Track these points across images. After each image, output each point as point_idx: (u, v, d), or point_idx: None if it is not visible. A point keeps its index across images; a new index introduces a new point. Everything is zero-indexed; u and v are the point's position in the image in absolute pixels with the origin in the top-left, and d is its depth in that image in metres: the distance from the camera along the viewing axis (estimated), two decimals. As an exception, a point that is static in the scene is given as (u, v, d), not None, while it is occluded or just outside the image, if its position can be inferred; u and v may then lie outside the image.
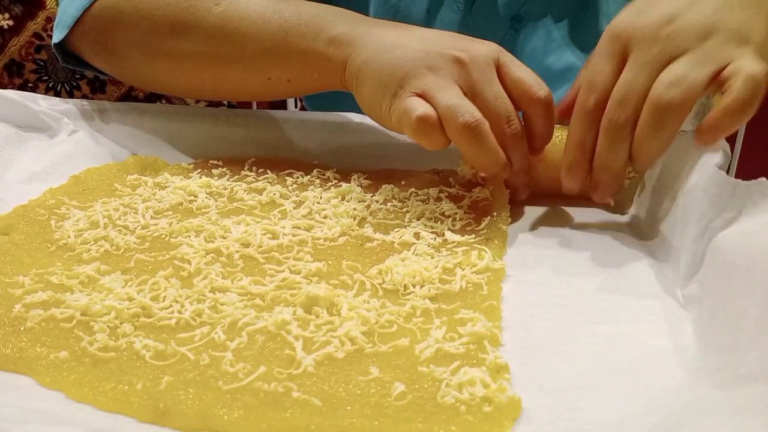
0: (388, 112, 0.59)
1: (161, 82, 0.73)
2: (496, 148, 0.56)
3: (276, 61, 0.65)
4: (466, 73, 0.57)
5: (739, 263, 0.44)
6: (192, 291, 0.47)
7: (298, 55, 0.64)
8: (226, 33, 0.66)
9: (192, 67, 0.68)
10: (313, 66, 0.64)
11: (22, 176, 0.65)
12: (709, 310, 0.46)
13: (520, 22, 0.83)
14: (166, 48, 0.68)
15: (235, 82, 0.69)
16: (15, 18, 1.09)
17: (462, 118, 0.54)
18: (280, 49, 0.64)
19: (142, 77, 0.74)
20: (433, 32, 0.62)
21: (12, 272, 0.49)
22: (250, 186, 0.63)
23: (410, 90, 0.57)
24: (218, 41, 0.66)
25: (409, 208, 0.60)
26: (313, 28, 0.64)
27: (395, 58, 0.58)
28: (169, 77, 0.71)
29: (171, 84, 0.73)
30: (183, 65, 0.69)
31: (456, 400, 0.38)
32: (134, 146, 0.71)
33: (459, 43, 0.60)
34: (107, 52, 0.71)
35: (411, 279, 0.49)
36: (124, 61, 0.71)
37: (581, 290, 0.50)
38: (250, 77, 0.67)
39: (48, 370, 0.41)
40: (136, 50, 0.69)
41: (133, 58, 0.70)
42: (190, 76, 0.70)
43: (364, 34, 0.62)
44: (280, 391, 0.39)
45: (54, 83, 1.11)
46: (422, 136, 0.56)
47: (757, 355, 0.39)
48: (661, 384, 0.41)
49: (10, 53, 1.10)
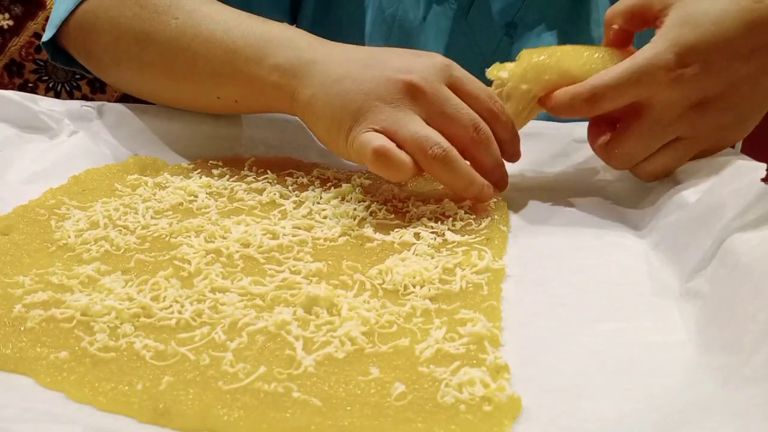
0: (345, 148, 0.59)
1: (128, 87, 0.76)
2: (469, 171, 0.57)
3: (223, 82, 0.65)
4: (420, 97, 0.57)
5: (752, 266, 0.44)
6: (192, 291, 0.47)
7: (243, 79, 0.64)
8: (179, 48, 0.66)
9: (150, 77, 0.70)
10: (259, 91, 0.64)
11: (22, 176, 0.65)
12: (714, 308, 0.46)
13: (515, 29, 0.83)
14: (130, 55, 0.69)
15: (187, 96, 0.70)
16: (15, 18, 1.09)
17: (431, 151, 0.55)
18: (226, 71, 0.64)
19: (113, 80, 0.77)
20: (374, 53, 0.61)
21: (12, 272, 0.49)
22: (250, 186, 0.63)
23: (367, 126, 0.56)
24: (172, 55, 0.67)
25: (409, 208, 0.60)
26: (258, 53, 0.63)
27: (344, 92, 0.58)
28: (132, 83, 0.73)
29: (136, 89, 0.75)
30: (143, 74, 0.70)
31: (456, 400, 0.38)
32: (134, 146, 0.71)
33: (405, 62, 0.59)
34: (86, 53, 0.74)
35: (411, 279, 0.49)
36: (98, 63, 0.74)
37: (581, 290, 0.50)
38: (201, 94, 0.68)
39: (48, 370, 0.41)
40: (106, 55, 0.71)
41: (104, 61, 0.73)
42: (150, 85, 0.72)
43: (309, 64, 0.61)
44: (280, 392, 0.39)
45: (54, 83, 1.11)
46: (382, 168, 0.56)
47: (763, 358, 0.39)
48: (662, 382, 0.41)
49: (10, 53, 1.10)
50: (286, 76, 0.62)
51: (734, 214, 0.48)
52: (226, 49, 0.64)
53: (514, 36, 0.83)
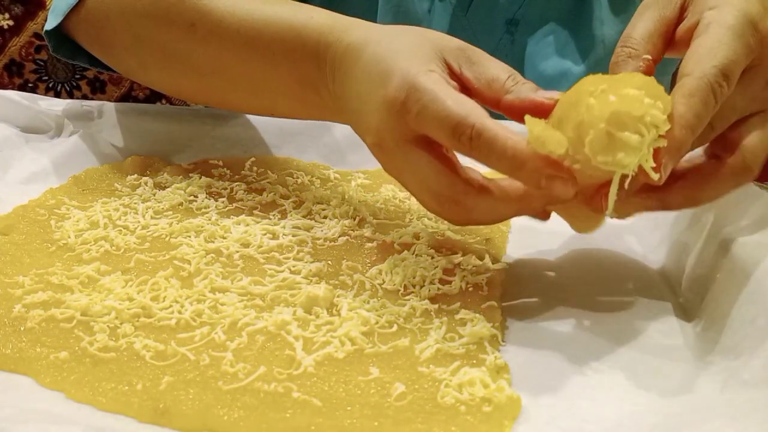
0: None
1: (148, 80, 0.71)
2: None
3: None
4: (385, 164, 0.51)
5: (750, 271, 0.44)
6: (192, 291, 0.47)
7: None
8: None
9: (178, 71, 0.65)
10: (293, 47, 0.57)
11: (22, 176, 0.65)
12: (713, 312, 0.46)
13: (516, 26, 0.82)
14: (152, 46, 0.64)
15: (220, 96, 0.66)
16: (15, 18, 1.09)
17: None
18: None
19: (131, 71, 0.72)
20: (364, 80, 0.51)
21: (12, 272, 0.49)
22: (250, 186, 0.63)
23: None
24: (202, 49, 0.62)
25: (409, 208, 0.60)
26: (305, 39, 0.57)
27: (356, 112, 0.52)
28: (154, 76, 0.69)
29: (158, 83, 0.71)
30: (169, 68, 0.65)
31: (456, 401, 0.38)
32: (134, 146, 0.71)
33: (367, 118, 0.49)
34: (100, 43, 0.69)
35: (411, 279, 0.49)
36: (113, 53, 0.69)
37: (581, 289, 0.50)
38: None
39: (48, 370, 0.41)
40: (125, 49, 0.67)
41: (121, 52, 0.68)
42: (175, 80, 0.67)
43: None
44: (280, 392, 0.39)
45: (54, 83, 1.11)
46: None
47: (762, 362, 0.39)
48: (661, 384, 0.41)
49: (10, 53, 1.10)
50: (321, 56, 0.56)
51: (731, 218, 0.48)
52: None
53: (515, 34, 0.83)
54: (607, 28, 0.82)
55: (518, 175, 0.45)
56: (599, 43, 0.82)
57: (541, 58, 0.83)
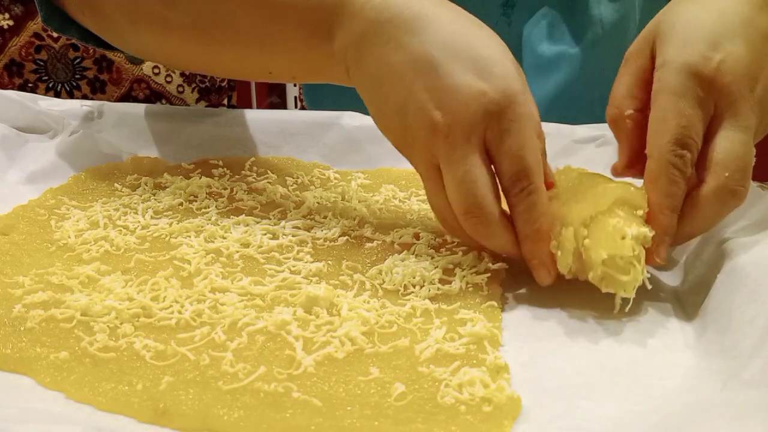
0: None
1: (147, 53, 0.69)
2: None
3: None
4: (436, 145, 0.48)
5: (749, 271, 0.44)
6: (192, 291, 0.47)
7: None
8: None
9: (178, 41, 0.62)
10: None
11: (22, 176, 0.65)
12: (712, 312, 0.46)
13: (513, 8, 0.82)
14: (153, 15, 0.61)
15: (226, 64, 0.64)
16: (15, 18, 1.09)
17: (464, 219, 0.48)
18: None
19: (129, 46, 0.68)
20: (435, 51, 0.49)
21: (12, 272, 0.49)
22: (250, 186, 0.63)
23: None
24: (208, 15, 0.59)
25: (409, 208, 0.60)
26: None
27: (385, 97, 0.51)
28: (154, 49, 0.66)
29: (158, 55, 0.69)
30: (169, 37, 0.62)
31: (456, 401, 0.38)
32: (134, 146, 0.71)
33: (444, 94, 0.48)
34: (93, 13, 0.65)
35: (411, 279, 0.49)
36: (110, 25, 0.66)
37: (582, 289, 0.50)
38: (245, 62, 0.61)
39: (48, 370, 0.41)
40: (122, 14, 0.63)
41: (118, 22, 0.64)
42: (176, 51, 0.64)
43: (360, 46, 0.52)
44: (280, 392, 0.39)
45: (54, 83, 1.11)
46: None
47: (762, 362, 0.39)
48: (661, 384, 0.41)
49: (10, 53, 1.10)
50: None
51: (730, 219, 0.48)
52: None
53: (512, 16, 0.82)
54: (604, 7, 0.82)
55: (525, 244, 0.48)
56: (597, 23, 0.81)
57: (537, 40, 0.82)
